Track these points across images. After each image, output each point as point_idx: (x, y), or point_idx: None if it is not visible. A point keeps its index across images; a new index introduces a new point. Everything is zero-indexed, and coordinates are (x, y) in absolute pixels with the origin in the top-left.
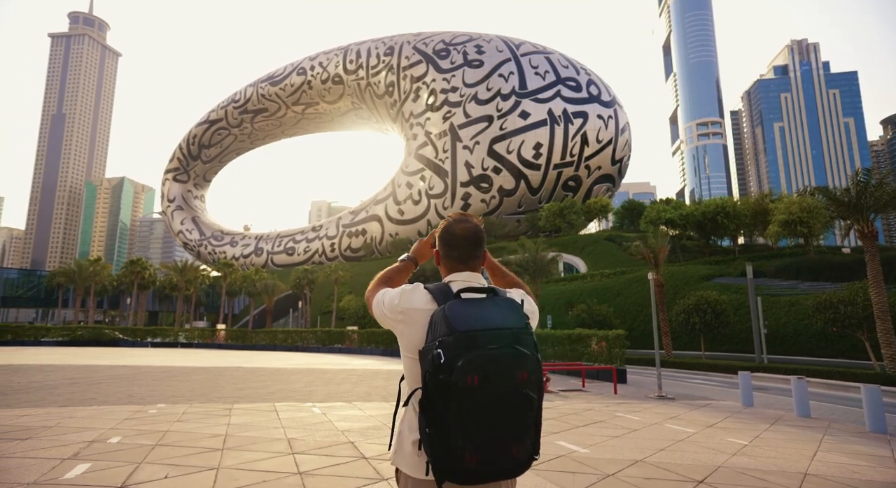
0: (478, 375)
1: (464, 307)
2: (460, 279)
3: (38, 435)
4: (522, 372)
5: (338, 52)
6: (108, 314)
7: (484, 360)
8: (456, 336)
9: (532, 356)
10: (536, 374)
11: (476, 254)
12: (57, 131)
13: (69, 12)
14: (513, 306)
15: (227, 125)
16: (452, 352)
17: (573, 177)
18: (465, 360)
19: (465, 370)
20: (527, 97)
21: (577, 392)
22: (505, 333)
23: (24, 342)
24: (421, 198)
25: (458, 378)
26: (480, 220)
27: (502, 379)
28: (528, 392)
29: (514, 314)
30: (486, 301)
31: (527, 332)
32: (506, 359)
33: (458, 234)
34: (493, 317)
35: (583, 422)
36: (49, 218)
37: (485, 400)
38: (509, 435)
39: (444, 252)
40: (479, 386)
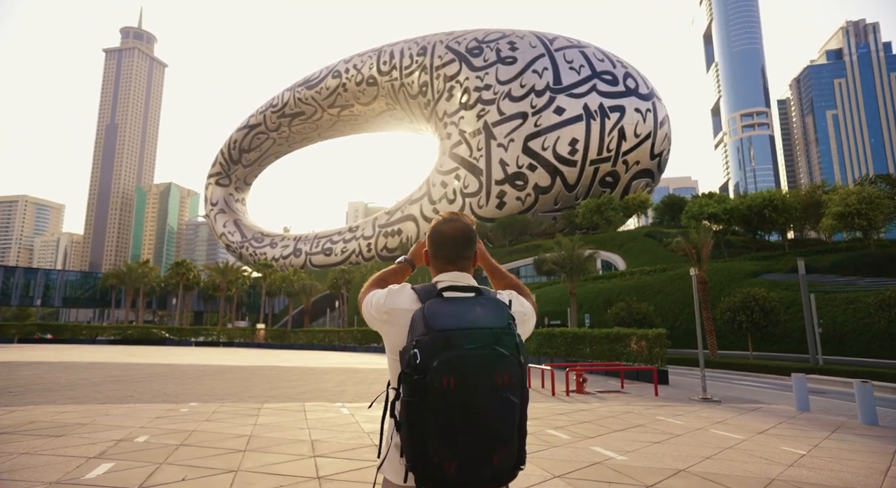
0: (454, 377)
1: (443, 306)
2: (447, 279)
3: (71, 432)
4: (502, 375)
5: (371, 54)
6: (157, 314)
7: (460, 361)
8: (432, 335)
9: (512, 357)
10: (518, 377)
11: (465, 255)
12: (110, 140)
13: (121, 27)
14: (496, 306)
15: (265, 129)
16: (428, 352)
17: (610, 172)
18: (440, 361)
19: (440, 371)
20: (561, 92)
21: (616, 393)
22: (484, 333)
23: (80, 340)
24: (456, 197)
25: (432, 379)
26: (472, 220)
27: (480, 382)
28: (508, 395)
29: (495, 313)
30: (469, 300)
31: (508, 333)
32: (483, 360)
33: (446, 234)
34: (472, 317)
35: (621, 426)
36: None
37: (461, 404)
38: (490, 442)
39: (432, 252)
40: (455, 389)
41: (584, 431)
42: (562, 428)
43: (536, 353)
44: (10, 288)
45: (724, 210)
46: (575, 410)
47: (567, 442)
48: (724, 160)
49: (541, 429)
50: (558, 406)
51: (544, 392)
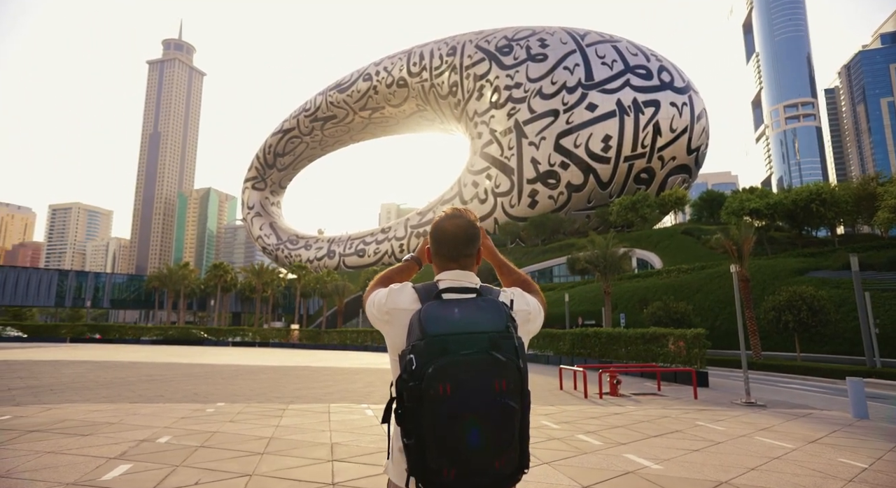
0: (449, 383)
1: (440, 308)
2: (449, 278)
3: (98, 431)
4: (500, 381)
5: (401, 56)
6: (198, 315)
7: (456, 367)
8: (427, 340)
9: (511, 363)
10: (517, 383)
11: (467, 252)
12: (153, 148)
13: (163, 40)
14: (495, 308)
15: (299, 133)
16: (424, 357)
17: (645, 169)
18: (435, 367)
19: (436, 377)
20: (594, 88)
21: (652, 396)
22: (479, 338)
23: (125, 340)
24: (487, 196)
25: (428, 385)
26: (475, 216)
27: (477, 388)
28: (507, 402)
29: (494, 316)
30: (467, 302)
31: (507, 337)
32: (479, 366)
33: (447, 231)
34: (469, 320)
35: (657, 431)
36: (149, 227)
37: (459, 411)
38: (489, 449)
39: (434, 249)
40: (451, 395)
41: (616, 437)
42: (593, 433)
43: (569, 354)
44: (65, 290)
45: (767, 205)
46: (608, 414)
47: (598, 448)
48: (767, 154)
49: (571, 434)
50: (590, 409)
51: (577, 394)
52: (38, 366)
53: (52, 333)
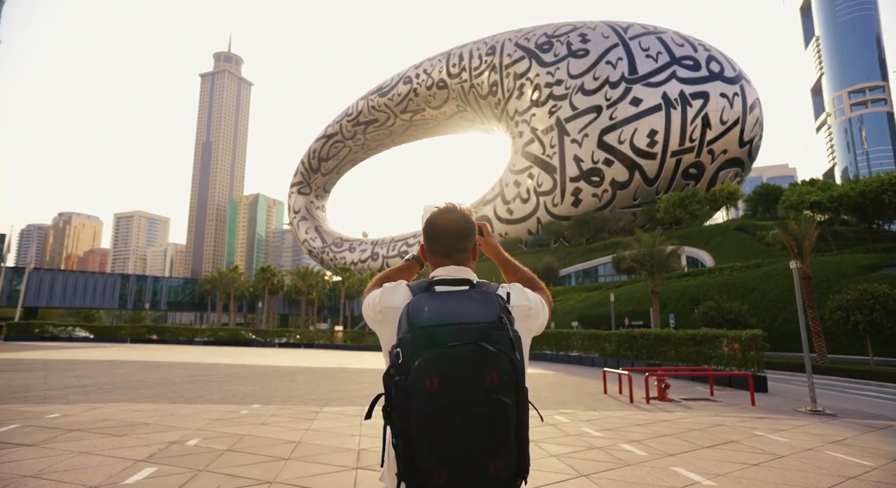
0: (437, 377)
1: (429, 300)
2: (443, 274)
3: (133, 432)
4: (491, 374)
5: (441, 58)
6: (248, 316)
7: (443, 360)
8: (414, 332)
9: (503, 355)
10: (510, 376)
11: (461, 247)
12: (206, 157)
13: (214, 53)
14: (487, 299)
15: (342, 138)
16: (410, 350)
17: (694, 163)
18: (421, 360)
19: (422, 371)
20: (638, 82)
21: (704, 401)
22: (469, 329)
23: (179, 341)
24: (529, 196)
25: (415, 379)
26: (470, 210)
27: (466, 383)
28: (499, 397)
29: (486, 307)
30: (458, 294)
31: (499, 328)
32: (468, 359)
33: (440, 225)
34: (459, 312)
35: (709, 442)
36: (203, 233)
37: (447, 407)
38: (482, 449)
39: (427, 245)
40: (439, 390)
41: (664, 447)
42: (638, 443)
43: (615, 356)
44: (127, 293)
45: (831, 197)
46: (655, 421)
47: (643, 459)
48: (829, 143)
49: (613, 443)
50: (636, 415)
51: (621, 398)
52: (95, 365)
53: (114, 334)
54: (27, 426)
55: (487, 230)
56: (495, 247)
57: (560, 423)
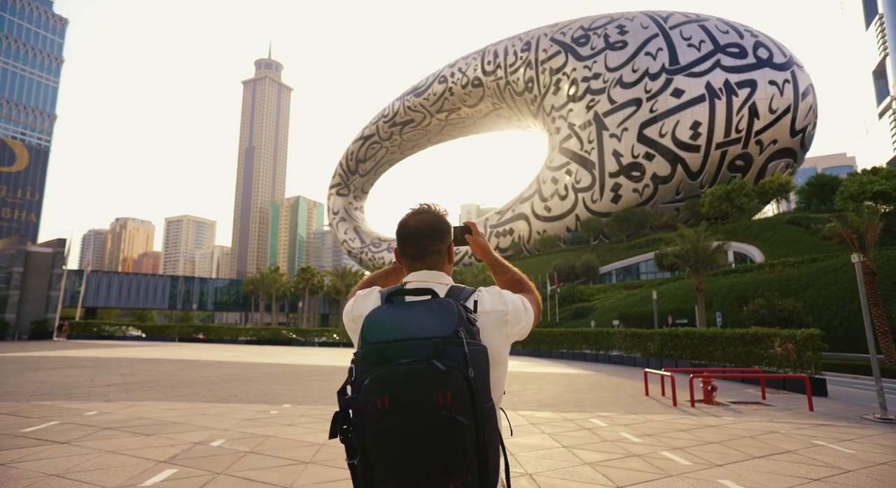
0: (388, 396)
1: (385, 313)
2: (416, 279)
3: (162, 431)
4: (444, 393)
5: (475, 56)
6: (289, 316)
7: (393, 378)
8: (366, 349)
9: (455, 372)
10: (465, 394)
11: (435, 249)
12: (249, 161)
13: (255, 60)
14: (446, 311)
15: (378, 139)
16: (361, 367)
17: (741, 155)
18: (371, 378)
19: (373, 389)
20: (679, 73)
21: (755, 405)
22: (421, 345)
23: (224, 340)
24: (567, 192)
25: (365, 398)
26: (444, 211)
27: (418, 402)
28: (454, 416)
29: (442, 320)
30: (416, 306)
31: (453, 343)
32: (418, 377)
33: (411, 228)
34: (411, 326)
35: (762, 451)
36: (247, 235)
37: (400, 427)
38: (439, 469)
39: (399, 249)
40: (391, 409)
41: (710, 456)
42: (681, 450)
43: (658, 356)
44: (176, 294)
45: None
46: (700, 426)
47: (687, 469)
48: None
49: (654, 450)
50: (679, 419)
51: (664, 401)
52: (140, 363)
53: (163, 333)
54: (66, 423)
55: (476, 229)
56: (484, 246)
57: (597, 427)
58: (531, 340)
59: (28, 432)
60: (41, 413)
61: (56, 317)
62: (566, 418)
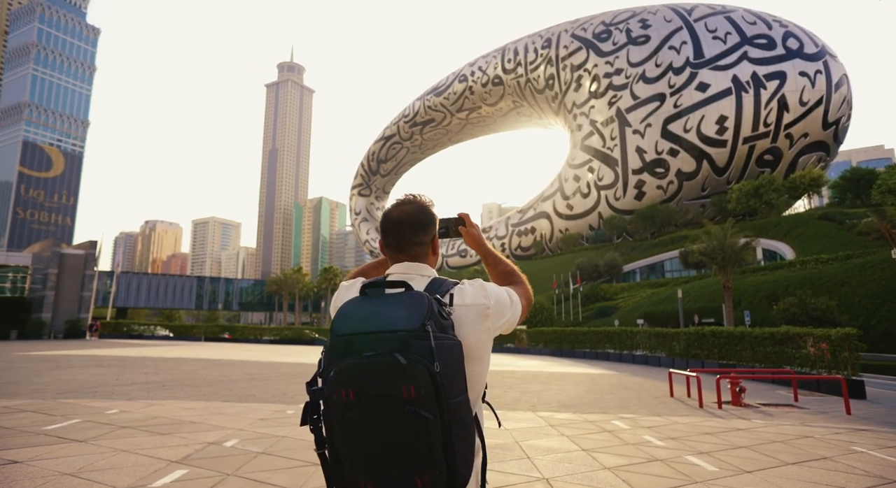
0: (352, 389)
1: (356, 305)
2: (398, 271)
3: (178, 430)
4: (407, 387)
5: (495, 54)
6: (313, 316)
7: (357, 370)
8: (333, 340)
9: (419, 366)
10: (429, 388)
11: (417, 240)
12: (272, 163)
13: (277, 63)
14: (417, 303)
15: (399, 139)
16: (328, 359)
17: (770, 149)
18: (336, 370)
19: (337, 382)
20: (704, 66)
21: (787, 407)
22: (386, 338)
23: (248, 340)
24: (590, 190)
25: (330, 390)
26: (429, 201)
27: (382, 395)
28: (418, 411)
29: (411, 313)
30: (387, 299)
31: (419, 336)
32: (381, 370)
33: (393, 218)
34: (379, 319)
35: (795, 457)
36: (271, 236)
37: (364, 420)
38: (405, 463)
39: (382, 241)
40: (355, 402)
41: (739, 461)
42: (707, 455)
43: (684, 355)
44: (202, 294)
45: None
46: (728, 429)
47: (713, 476)
48: None
49: (678, 454)
50: (706, 422)
51: (690, 402)
52: (165, 362)
53: (190, 333)
54: (87, 421)
55: (470, 220)
56: (476, 237)
57: (618, 430)
58: (553, 340)
59: (49, 430)
60: (64, 411)
61: (88, 316)
62: (587, 419)
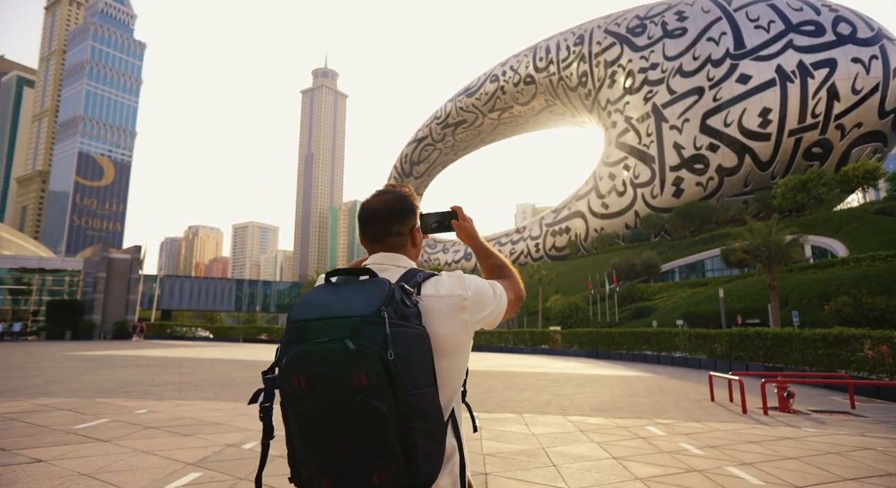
0: (303, 376)
1: (316, 292)
2: (373, 262)
3: (200, 431)
4: (359, 375)
5: (527, 53)
6: None
7: (308, 357)
8: (288, 326)
9: (371, 353)
10: (381, 378)
11: (394, 230)
12: (308, 168)
13: (312, 70)
14: (377, 290)
15: (432, 141)
16: (283, 346)
17: (819, 141)
18: (288, 357)
19: (289, 369)
20: (746, 57)
21: (842, 415)
22: (340, 324)
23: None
24: (626, 188)
25: (283, 378)
26: (408, 190)
27: (332, 384)
28: (370, 401)
29: (367, 299)
30: (347, 285)
31: (374, 323)
32: (331, 357)
33: (370, 208)
34: (335, 305)
35: (853, 472)
36: (307, 239)
37: (316, 410)
38: (359, 458)
39: (360, 232)
40: (306, 391)
41: (787, 475)
42: (751, 467)
43: (726, 358)
44: (241, 297)
45: None
46: (775, 438)
47: None
48: None
49: (718, 465)
50: (750, 429)
51: (732, 407)
52: (200, 363)
53: (229, 334)
54: (115, 420)
55: (462, 214)
56: (469, 230)
57: (653, 436)
58: (588, 341)
59: (79, 429)
60: (97, 410)
61: (134, 318)
62: (619, 425)
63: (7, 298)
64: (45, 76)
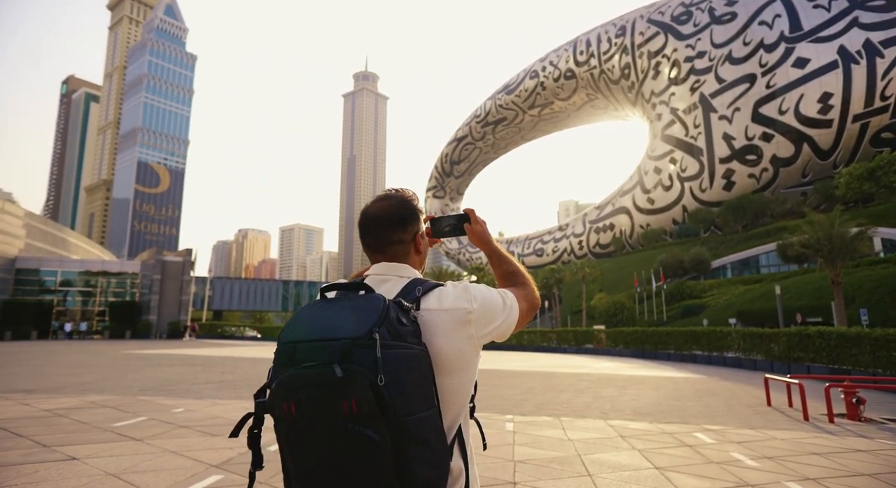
0: (293, 402)
1: (309, 309)
2: (374, 273)
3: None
4: (349, 401)
5: (567, 47)
6: None
7: (296, 382)
8: (279, 348)
9: (361, 379)
10: (371, 405)
11: (395, 239)
12: (351, 170)
13: (353, 73)
14: (370, 308)
15: (472, 140)
16: (274, 368)
17: (889, 126)
18: (278, 381)
19: (278, 394)
20: (802, 40)
21: None
22: (329, 346)
23: None
24: (672, 182)
25: (272, 403)
26: (411, 194)
27: (319, 410)
28: (360, 429)
29: (359, 319)
30: (342, 302)
31: (364, 345)
32: (319, 382)
33: (370, 215)
34: (326, 325)
35: None
36: (352, 240)
37: (306, 438)
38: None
39: (361, 240)
40: (297, 417)
41: None
42: (814, 482)
43: (784, 359)
44: (288, 297)
45: None
46: (843, 449)
47: None
48: None
49: (776, 479)
50: (813, 438)
51: (792, 413)
52: (243, 362)
53: (276, 334)
54: (152, 419)
55: (475, 217)
56: (481, 234)
57: (701, 444)
58: (634, 340)
59: (117, 426)
60: (137, 408)
61: (187, 318)
62: (664, 431)
63: (78, 299)
64: (108, 91)
